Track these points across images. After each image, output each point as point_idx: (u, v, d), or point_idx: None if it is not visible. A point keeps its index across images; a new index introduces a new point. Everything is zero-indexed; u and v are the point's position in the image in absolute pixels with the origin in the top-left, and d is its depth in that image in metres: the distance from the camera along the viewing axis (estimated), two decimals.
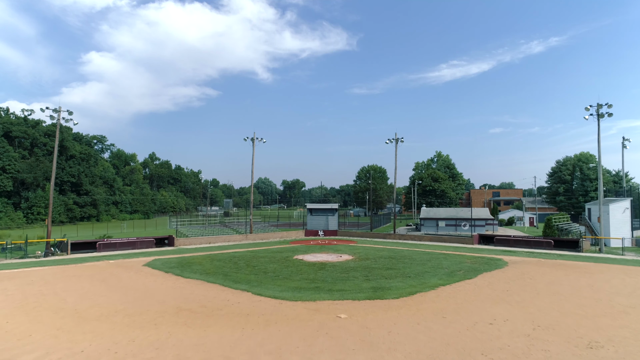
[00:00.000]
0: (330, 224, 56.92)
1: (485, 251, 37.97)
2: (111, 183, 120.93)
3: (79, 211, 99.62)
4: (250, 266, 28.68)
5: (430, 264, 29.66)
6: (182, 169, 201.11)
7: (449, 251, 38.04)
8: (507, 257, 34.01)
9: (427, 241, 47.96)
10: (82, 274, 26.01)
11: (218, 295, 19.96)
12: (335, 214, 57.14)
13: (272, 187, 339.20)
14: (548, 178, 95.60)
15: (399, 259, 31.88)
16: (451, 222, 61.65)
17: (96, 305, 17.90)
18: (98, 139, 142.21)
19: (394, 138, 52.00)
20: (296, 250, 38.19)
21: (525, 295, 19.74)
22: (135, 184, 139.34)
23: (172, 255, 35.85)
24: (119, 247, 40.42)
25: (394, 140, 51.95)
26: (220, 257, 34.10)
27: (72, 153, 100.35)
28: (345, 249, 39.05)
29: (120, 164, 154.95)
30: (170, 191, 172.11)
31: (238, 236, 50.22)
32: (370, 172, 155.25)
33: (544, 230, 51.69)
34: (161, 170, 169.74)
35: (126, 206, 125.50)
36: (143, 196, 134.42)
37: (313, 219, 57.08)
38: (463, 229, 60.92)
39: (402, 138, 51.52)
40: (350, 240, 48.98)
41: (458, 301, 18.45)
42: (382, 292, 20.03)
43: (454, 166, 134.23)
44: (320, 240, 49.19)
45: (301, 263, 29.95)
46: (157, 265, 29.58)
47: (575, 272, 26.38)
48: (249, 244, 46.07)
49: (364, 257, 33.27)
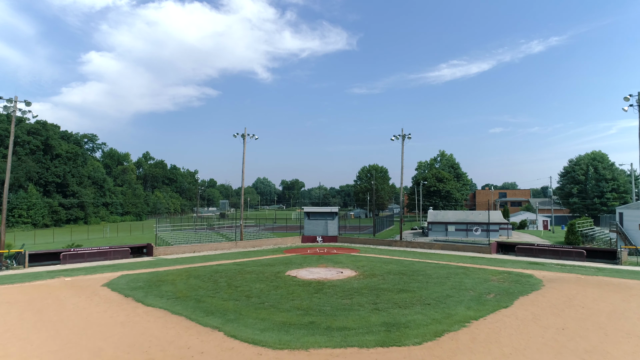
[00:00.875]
0: (330, 229, 51.83)
1: (509, 263, 32.86)
2: (101, 184, 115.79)
3: (65, 213, 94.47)
4: (232, 286, 23.59)
5: (450, 282, 24.57)
6: (178, 169, 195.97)
7: (466, 263, 32.94)
8: (538, 271, 28.92)
9: (439, 249, 42.87)
10: (18, 299, 20.90)
11: (179, 337, 14.85)
12: (335, 218, 52.06)
13: (270, 187, 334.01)
14: (560, 178, 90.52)
15: (412, 276, 26.78)
16: (461, 227, 56.60)
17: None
18: (89, 137, 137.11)
19: (399, 134, 46.94)
20: (290, 263, 33.08)
21: (592, 338, 14.64)
22: (128, 185, 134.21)
23: (145, 269, 30.74)
24: (87, 258, 35.32)
25: (400, 137, 46.88)
26: (200, 272, 28.99)
27: (58, 152, 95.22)
28: (347, 261, 33.95)
29: (113, 163, 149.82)
30: (165, 192, 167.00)
31: (227, 243, 45.09)
32: (372, 172, 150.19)
33: (567, 237, 46.67)
34: (155, 170, 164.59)
35: (117, 208, 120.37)
36: (135, 197, 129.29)
37: (311, 223, 51.98)
38: (475, 234, 55.87)
39: (410, 134, 46.49)
40: (351, 249, 43.87)
41: (505, 350, 13.36)
42: (398, 333, 14.93)
43: (459, 166, 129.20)
44: (318, 249, 44.09)
45: (294, 282, 24.84)
46: (120, 285, 24.47)
47: (633, 296, 21.29)
48: (238, 253, 40.96)
49: (369, 272, 28.15)
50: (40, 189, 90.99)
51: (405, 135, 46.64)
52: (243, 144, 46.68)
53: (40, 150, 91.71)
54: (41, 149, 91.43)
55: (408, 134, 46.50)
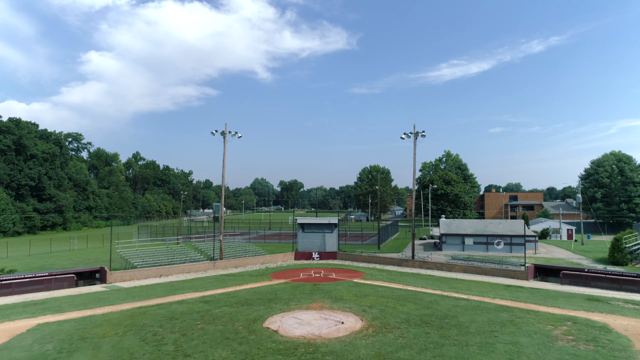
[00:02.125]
0: (328, 243, 44.09)
1: (561, 300, 25.10)
2: (84, 186, 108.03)
3: (40, 219, 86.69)
4: (180, 352, 15.87)
5: (500, 344, 16.81)
6: (172, 170, 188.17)
7: (505, 299, 25.16)
8: (610, 317, 21.19)
9: (460, 272, 35.16)
10: None
11: None
12: (334, 231, 44.33)
13: (269, 187, 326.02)
14: (581, 181, 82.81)
15: (441, 328, 19.01)
16: (481, 240, 48.87)
17: None
18: (73, 136, 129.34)
19: (411, 132, 39.21)
20: (275, 299, 25.28)
21: None
22: (115, 187, 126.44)
23: (78, 310, 22.99)
24: (16, 289, 27.57)
25: (412, 135, 39.14)
26: (150, 318, 21.24)
27: (33, 152, 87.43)
28: (349, 295, 26.16)
29: (101, 164, 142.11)
30: (156, 194, 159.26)
31: (204, 264, 37.33)
32: (373, 173, 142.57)
33: (612, 255, 39.01)
34: (146, 171, 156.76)
35: (101, 212, 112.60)
36: (122, 200, 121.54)
37: (306, 237, 44.23)
38: (497, 248, 48.16)
39: (424, 132, 38.74)
40: (354, 271, 36.09)
41: None
42: None
43: (466, 167, 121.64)
44: (313, 271, 36.32)
45: (272, 345, 17.05)
46: (17, 351, 16.71)
47: None
48: (213, 278, 33.21)
49: (380, 322, 20.35)
50: (11, 192, 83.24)
51: (419, 133, 38.90)
52: (223, 143, 38.94)
53: (12, 150, 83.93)
54: (13, 149, 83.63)
55: (422, 132, 38.76)
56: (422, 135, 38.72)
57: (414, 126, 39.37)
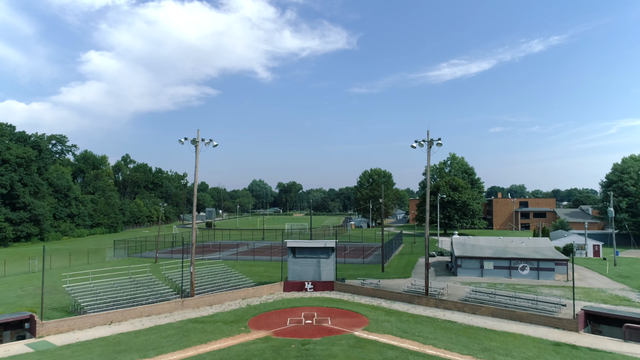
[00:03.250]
0: (324, 271, 37.08)
1: None
2: (65, 192, 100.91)
3: (13, 230, 79.65)
4: None
5: None
6: (164, 173, 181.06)
7: None
8: None
9: (488, 317, 28.14)
10: None
11: None
12: (331, 256, 37.33)
13: (267, 189, 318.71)
14: (602, 188, 75.89)
15: None
16: (502, 264, 41.87)
17: None
18: (57, 138, 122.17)
19: (424, 140, 32.21)
20: None
21: None
22: (101, 192, 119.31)
23: None
24: None
25: (425, 143, 32.14)
26: None
27: (6, 157, 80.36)
28: None
29: (88, 167, 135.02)
30: (147, 198, 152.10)
31: (169, 304, 30.28)
32: (374, 176, 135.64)
33: None
34: (136, 174, 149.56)
35: (84, 219, 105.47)
36: (108, 206, 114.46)
37: (297, 264, 37.20)
38: (521, 274, 41.19)
39: (439, 139, 31.74)
40: (355, 315, 29.03)
41: None
42: None
43: (473, 171, 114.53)
44: (304, 314, 29.31)
45: None
46: None
47: None
48: (177, 327, 26.17)
49: None
50: None
51: (433, 141, 31.89)
52: (195, 152, 31.97)
53: None
54: None
55: (437, 140, 31.75)
56: (438, 144, 31.71)
57: (428, 132, 32.37)
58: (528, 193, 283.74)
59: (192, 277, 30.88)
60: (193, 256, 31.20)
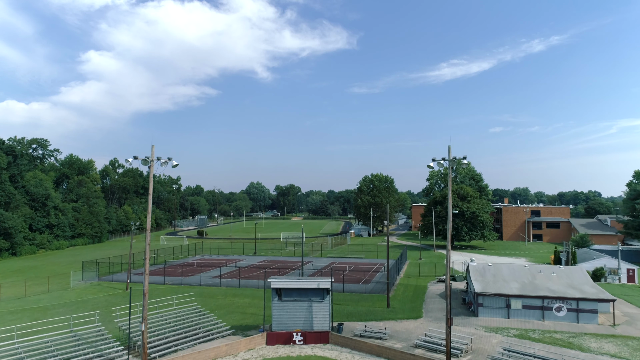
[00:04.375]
0: (317, 317, 29.92)
1: None
2: (43, 201, 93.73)
3: None
4: None
5: None
6: (156, 177, 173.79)
7: None
8: None
9: None
10: None
11: None
12: (325, 299, 30.14)
13: (264, 192, 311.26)
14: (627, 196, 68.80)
15: None
16: (533, 303, 34.73)
17: None
18: (38, 142, 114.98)
19: (445, 158, 25.07)
20: None
21: None
22: (84, 199, 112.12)
23: None
24: None
25: (447, 162, 24.99)
26: None
27: None
28: None
29: (73, 173, 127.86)
30: (137, 204, 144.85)
31: None
32: (375, 182, 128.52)
33: None
34: (125, 180, 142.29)
35: (64, 230, 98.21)
36: (91, 215, 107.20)
37: (284, 309, 30.01)
38: (557, 316, 34.06)
39: (465, 158, 24.61)
40: None
41: None
42: None
43: (481, 177, 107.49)
44: None
45: None
46: None
47: None
48: None
49: None
50: None
51: (456, 160, 24.74)
52: (149, 172, 24.84)
53: None
54: None
55: (462, 158, 24.62)
56: (464, 162, 24.56)
57: (449, 148, 25.17)
58: (532, 196, 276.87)
59: (145, 339, 23.65)
60: (145, 310, 23.99)
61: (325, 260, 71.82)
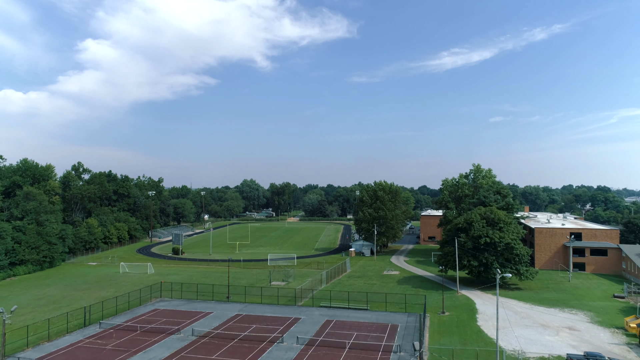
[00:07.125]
0: None
1: None
2: None
3: None
4: None
5: None
6: (131, 180, 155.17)
7: None
8: None
9: None
10: None
11: None
12: None
13: (259, 190, 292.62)
14: None
15: None
16: None
17: None
18: None
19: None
20: None
21: None
22: (32, 216, 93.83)
23: None
24: None
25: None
26: None
27: None
28: None
29: (26, 181, 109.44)
30: (105, 214, 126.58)
31: None
32: (379, 193, 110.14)
33: None
34: (90, 188, 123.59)
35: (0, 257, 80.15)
36: (38, 237, 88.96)
37: None
38: None
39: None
40: None
41: None
42: None
43: (508, 191, 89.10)
44: None
45: None
46: None
47: None
48: None
49: None
50: None
51: None
52: None
53: None
54: None
55: None
56: None
57: None
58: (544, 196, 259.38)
59: None
60: None
61: (317, 315, 53.95)
